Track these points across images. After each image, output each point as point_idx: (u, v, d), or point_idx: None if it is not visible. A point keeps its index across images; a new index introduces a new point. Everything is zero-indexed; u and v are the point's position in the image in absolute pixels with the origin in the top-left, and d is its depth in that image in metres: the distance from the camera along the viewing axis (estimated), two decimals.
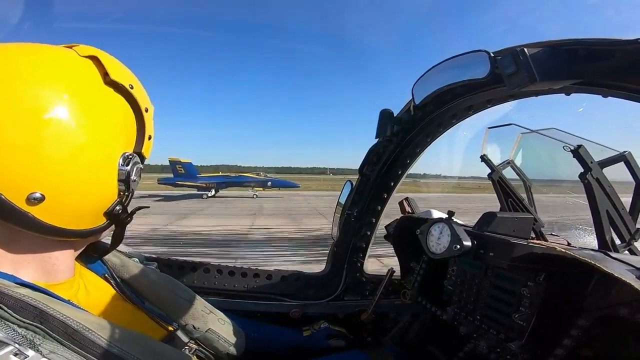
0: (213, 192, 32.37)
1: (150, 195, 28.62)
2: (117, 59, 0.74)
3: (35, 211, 0.60)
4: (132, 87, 0.72)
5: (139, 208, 0.84)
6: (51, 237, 0.66)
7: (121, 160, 0.70)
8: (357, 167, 1.70)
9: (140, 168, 0.76)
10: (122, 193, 0.73)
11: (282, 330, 1.58)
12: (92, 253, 0.87)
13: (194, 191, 32.74)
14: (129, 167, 0.71)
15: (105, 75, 0.69)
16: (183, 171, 36.09)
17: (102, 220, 0.74)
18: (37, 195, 0.59)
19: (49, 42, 0.68)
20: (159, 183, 35.93)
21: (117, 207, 0.73)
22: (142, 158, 0.78)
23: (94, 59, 0.69)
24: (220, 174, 39.98)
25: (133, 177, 0.73)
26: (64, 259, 0.72)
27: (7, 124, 0.57)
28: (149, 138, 0.79)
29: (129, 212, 0.79)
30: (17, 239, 0.64)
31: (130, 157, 0.72)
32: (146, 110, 0.76)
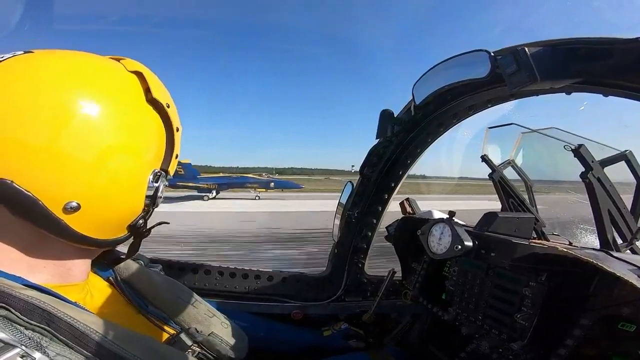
0: (214, 193, 31.89)
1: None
2: (158, 77, 0.77)
3: (69, 219, 0.62)
4: (168, 107, 0.74)
5: (160, 223, 0.86)
6: (79, 245, 0.67)
7: (151, 177, 0.72)
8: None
9: (166, 185, 0.78)
10: (147, 207, 0.75)
11: (301, 331, 1.59)
12: (103, 260, 0.87)
13: (193, 192, 32.18)
14: (157, 184, 0.73)
15: (147, 92, 0.71)
16: (183, 172, 35.79)
17: (124, 232, 0.75)
18: (74, 204, 0.60)
19: (49, 44, 0.68)
20: None
21: (140, 221, 0.75)
22: (167, 175, 0.80)
23: (139, 75, 0.72)
24: (222, 174, 39.61)
25: (160, 194, 0.75)
26: (80, 265, 0.73)
27: (54, 132, 0.58)
28: (176, 157, 0.81)
29: (149, 226, 0.80)
30: (43, 244, 0.65)
31: (159, 174, 0.74)
32: (177, 130, 0.78)
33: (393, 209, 1.87)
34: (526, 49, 0.88)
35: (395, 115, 1.49)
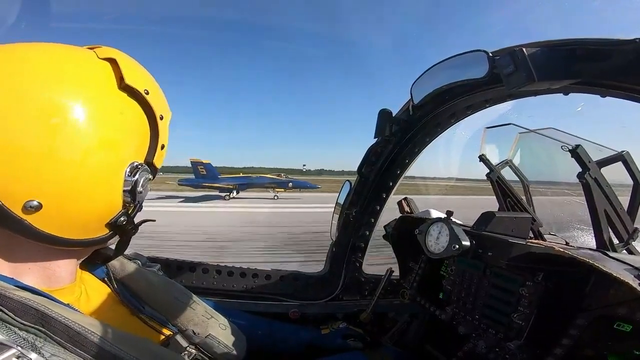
0: (235, 193, 31.91)
1: (167, 197, 27.87)
2: (137, 62, 0.72)
3: (32, 219, 0.59)
4: (147, 93, 0.68)
5: (145, 221, 0.81)
6: (50, 245, 0.64)
7: (128, 170, 0.66)
8: None
9: (149, 179, 0.72)
10: (127, 204, 0.69)
11: (299, 329, 1.60)
12: (95, 259, 0.85)
13: (214, 192, 32.18)
14: (135, 178, 0.67)
15: (120, 79, 0.66)
16: (205, 172, 35.87)
17: (106, 231, 0.70)
18: (35, 203, 0.57)
19: (46, 42, 0.66)
20: (179, 184, 35.37)
21: (122, 218, 0.70)
22: (153, 168, 0.74)
23: (112, 62, 0.66)
24: (241, 175, 39.62)
25: (140, 188, 0.69)
26: (66, 266, 0.71)
27: (10, 126, 0.54)
28: (162, 147, 0.74)
29: (135, 223, 0.76)
30: (17, 245, 0.63)
31: (139, 167, 0.68)
32: (161, 118, 0.72)
33: (392, 210, 1.88)
34: (524, 49, 0.89)
35: (393, 115, 1.49)
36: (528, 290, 1.09)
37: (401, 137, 1.59)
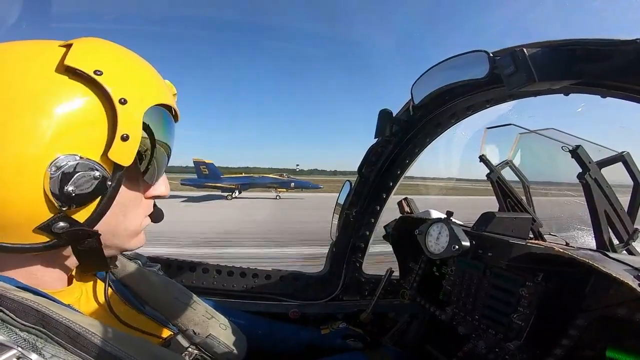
0: (237, 193, 32.07)
1: (170, 197, 28.14)
2: (105, 45, 0.62)
3: None
4: (99, 74, 0.56)
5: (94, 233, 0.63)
6: None
7: (53, 166, 0.54)
8: None
9: (95, 176, 0.57)
10: (61, 206, 0.56)
11: (299, 329, 1.60)
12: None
13: (215, 192, 32.36)
14: (59, 174, 0.54)
15: (62, 61, 0.55)
16: (207, 172, 35.92)
17: (43, 237, 0.59)
18: None
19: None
20: (181, 184, 35.41)
21: (61, 224, 0.58)
22: (116, 165, 0.60)
23: (68, 47, 0.57)
24: (244, 174, 39.72)
25: (70, 187, 0.55)
26: (47, 272, 0.67)
27: None
28: (124, 139, 0.58)
29: (93, 230, 0.62)
30: None
31: (68, 162, 0.54)
32: (122, 102, 0.58)
33: (392, 210, 1.88)
34: (524, 49, 0.88)
35: (394, 115, 1.49)
36: (528, 291, 1.09)
37: (401, 137, 1.59)
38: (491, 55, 0.99)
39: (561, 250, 0.97)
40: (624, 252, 1.33)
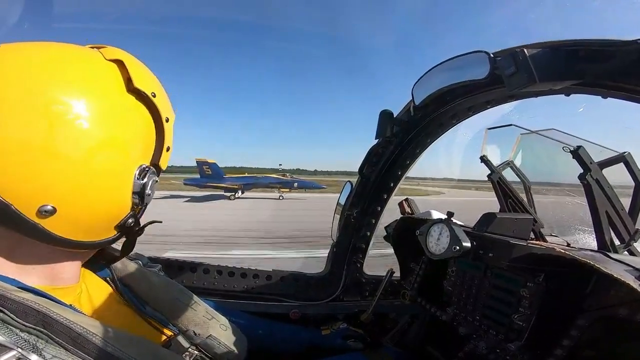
0: (240, 193, 31.98)
1: (172, 196, 28.00)
2: (143, 64, 0.72)
3: (46, 223, 0.58)
4: (154, 95, 0.69)
5: (152, 222, 0.82)
6: (62, 248, 0.64)
7: (137, 173, 0.67)
8: None
9: (156, 181, 0.73)
10: (135, 206, 0.70)
11: (300, 329, 1.60)
12: (99, 260, 0.85)
13: (217, 192, 32.21)
14: (144, 181, 0.68)
15: (128, 81, 0.66)
16: (210, 172, 35.88)
17: (113, 233, 0.71)
18: (49, 207, 0.57)
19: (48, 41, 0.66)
20: (184, 184, 35.43)
21: (130, 220, 0.71)
22: (159, 170, 0.75)
23: (119, 63, 0.66)
24: (246, 174, 39.67)
25: (148, 190, 0.69)
26: (70, 268, 0.71)
27: (22, 128, 0.53)
28: (167, 149, 0.75)
29: (142, 225, 0.76)
30: (24, 247, 0.63)
31: (147, 169, 0.69)
32: (167, 120, 0.73)
33: (393, 210, 1.88)
34: (525, 50, 0.88)
35: (394, 116, 1.49)
36: (529, 291, 1.09)
37: (402, 138, 1.60)
38: (492, 55, 0.99)
39: (562, 250, 0.97)
40: (625, 252, 1.32)
